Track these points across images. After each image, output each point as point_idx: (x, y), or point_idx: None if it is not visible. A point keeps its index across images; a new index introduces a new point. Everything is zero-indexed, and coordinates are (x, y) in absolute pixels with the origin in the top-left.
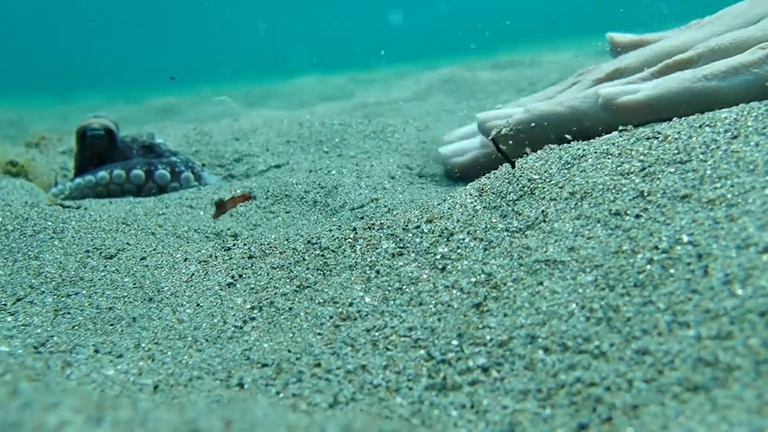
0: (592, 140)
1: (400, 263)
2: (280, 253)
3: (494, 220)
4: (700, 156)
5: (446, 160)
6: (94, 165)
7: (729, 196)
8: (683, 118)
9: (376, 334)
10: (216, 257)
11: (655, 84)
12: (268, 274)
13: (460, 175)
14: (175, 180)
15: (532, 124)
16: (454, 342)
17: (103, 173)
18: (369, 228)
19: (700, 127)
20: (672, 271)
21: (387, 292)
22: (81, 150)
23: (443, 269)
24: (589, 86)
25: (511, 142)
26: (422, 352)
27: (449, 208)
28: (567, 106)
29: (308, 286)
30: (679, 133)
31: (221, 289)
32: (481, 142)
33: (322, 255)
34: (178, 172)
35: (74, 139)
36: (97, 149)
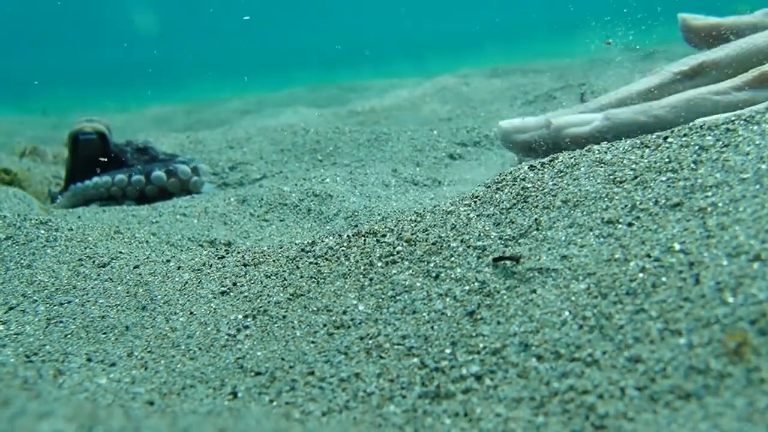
0: (584, 149)
1: (394, 271)
2: (274, 261)
3: (488, 228)
4: (692, 165)
5: (507, 135)
6: (86, 170)
7: (720, 204)
8: (675, 128)
9: (370, 342)
10: (209, 265)
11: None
12: (261, 282)
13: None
14: (194, 174)
15: (610, 134)
16: (448, 350)
17: (107, 178)
18: (363, 236)
19: (692, 136)
20: (664, 279)
21: (380, 300)
22: (73, 155)
23: (437, 277)
24: (670, 78)
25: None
26: (416, 360)
27: (443, 217)
28: (651, 115)
29: (302, 295)
30: (670, 142)
31: (215, 298)
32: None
33: (316, 263)
34: (173, 170)
35: (66, 145)
36: (89, 154)
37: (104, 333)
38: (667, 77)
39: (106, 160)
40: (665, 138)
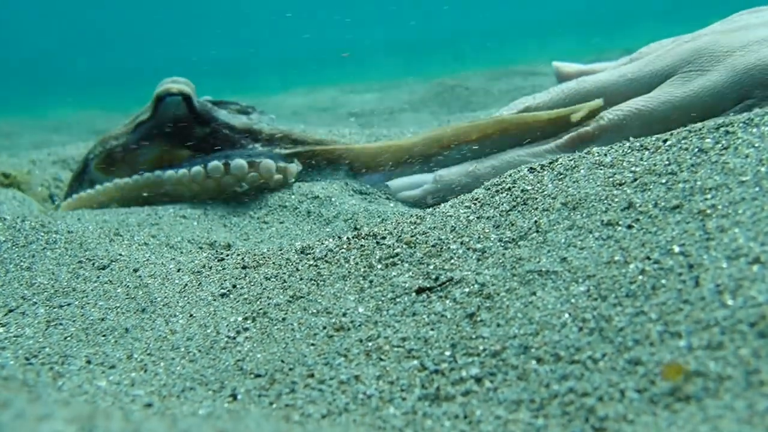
0: (584, 152)
1: (394, 273)
2: (274, 263)
3: (487, 231)
4: (691, 167)
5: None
6: (168, 133)
7: (719, 206)
8: (674, 131)
9: (370, 344)
10: (209, 268)
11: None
12: (261, 284)
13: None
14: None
15: (440, 194)
16: (447, 352)
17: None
18: (362, 238)
19: (691, 138)
20: (663, 281)
21: (380, 302)
22: (152, 115)
23: (436, 279)
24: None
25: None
26: (415, 362)
27: (442, 219)
28: (474, 176)
29: (301, 297)
30: (670, 144)
31: (214, 300)
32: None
33: (316, 265)
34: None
35: (149, 107)
36: (172, 116)
37: (104, 335)
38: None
39: (187, 125)
40: (665, 140)
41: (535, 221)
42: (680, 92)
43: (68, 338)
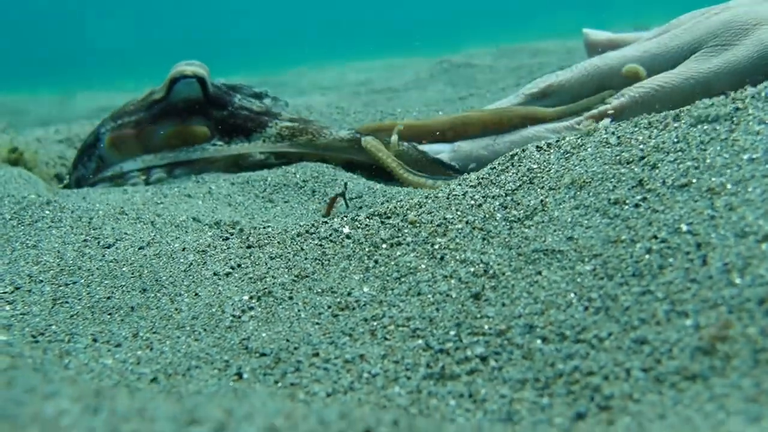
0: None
1: (399, 253)
2: (279, 242)
3: (493, 210)
4: (700, 145)
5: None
6: (182, 115)
7: (728, 185)
8: (683, 108)
9: (375, 323)
10: (214, 247)
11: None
12: (266, 263)
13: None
14: None
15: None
16: (452, 332)
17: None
18: (367, 218)
19: (700, 115)
20: (671, 260)
21: (385, 282)
22: (164, 97)
23: (442, 259)
24: (522, 100)
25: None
26: (420, 341)
27: (448, 198)
28: (492, 150)
29: (306, 276)
30: (679, 121)
31: (219, 279)
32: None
33: (321, 245)
34: None
35: (163, 87)
36: (185, 98)
37: (109, 314)
38: (521, 99)
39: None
40: (673, 118)
41: (542, 200)
42: (704, 68)
43: (74, 316)
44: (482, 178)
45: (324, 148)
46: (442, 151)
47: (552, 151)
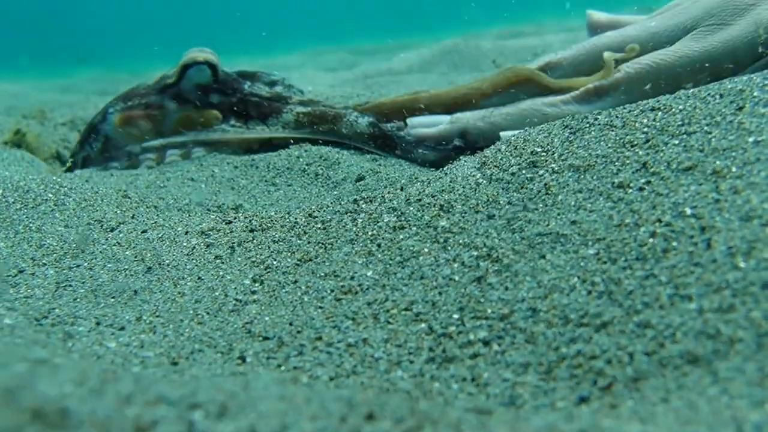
0: (595, 113)
1: (402, 237)
2: (282, 226)
3: (496, 193)
4: (705, 128)
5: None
6: (192, 102)
7: (733, 168)
8: (689, 90)
9: (378, 307)
10: (217, 230)
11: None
12: (269, 247)
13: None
14: None
15: (454, 136)
16: (455, 315)
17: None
18: (370, 201)
19: (705, 98)
20: (674, 244)
21: (388, 266)
22: (175, 82)
23: (445, 243)
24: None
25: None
26: (423, 325)
27: (451, 182)
28: (489, 122)
29: (309, 260)
30: (684, 104)
31: (222, 263)
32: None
33: (324, 228)
34: None
35: (174, 74)
36: (196, 84)
37: (113, 297)
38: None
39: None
40: (678, 100)
41: (545, 184)
42: (699, 46)
43: (78, 299)
44: (485, 161)
45: (348, 138)
46: (440, 122)
47: (556, 133)
